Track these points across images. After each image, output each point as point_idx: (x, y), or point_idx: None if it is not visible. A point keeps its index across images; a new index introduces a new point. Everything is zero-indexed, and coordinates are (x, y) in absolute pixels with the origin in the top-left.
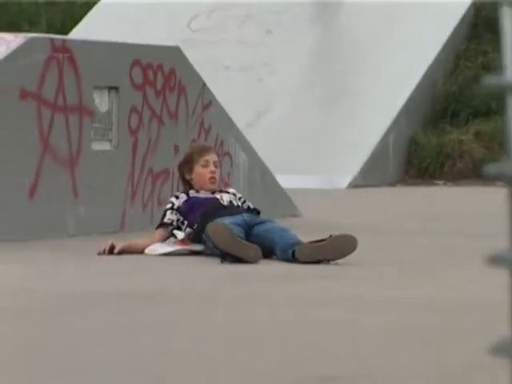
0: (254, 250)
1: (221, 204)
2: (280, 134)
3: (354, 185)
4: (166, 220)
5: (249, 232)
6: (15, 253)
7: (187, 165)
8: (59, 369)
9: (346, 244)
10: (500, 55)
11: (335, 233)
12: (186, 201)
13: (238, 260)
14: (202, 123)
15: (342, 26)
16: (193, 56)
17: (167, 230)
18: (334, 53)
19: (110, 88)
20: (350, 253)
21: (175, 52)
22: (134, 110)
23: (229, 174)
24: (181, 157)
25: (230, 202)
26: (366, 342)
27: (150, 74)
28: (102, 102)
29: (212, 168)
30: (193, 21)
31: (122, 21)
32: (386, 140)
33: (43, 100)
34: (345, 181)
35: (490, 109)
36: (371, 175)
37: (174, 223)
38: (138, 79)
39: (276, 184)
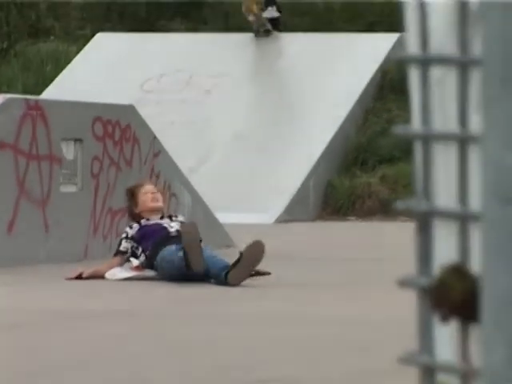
0: (201, 264)
1: (169, 233)
2: (218, 178)
3: (281, 220)
4: (121, 248)
5: None
6: None
7: (132, 201)
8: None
9: (257, 249)
10: (402, 112)
11: (242, 249)
12: (138, 229)
13: (187, 264)
14: (152, 169)
15: (271, 88)
16: (145, 113)
17: (123, 256)
18: (263, 110)
19: (76, 140)
20: (263, 253)
21: (130, 110)
22: (95, 158)
23: (175, 211)
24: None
25: (178, 231)
26: (293, 351)
27: (109, 128)
28: (68, 151)
29: (152, 192)
30: (145, 83)
31: (86, 83)
32: (307, 183)
33: (19, 150)
34: (272, 217)
35: (393, 156)
36: (295, 212)
37: (129, 250)
38: (99, 132)
39: (214, 219)
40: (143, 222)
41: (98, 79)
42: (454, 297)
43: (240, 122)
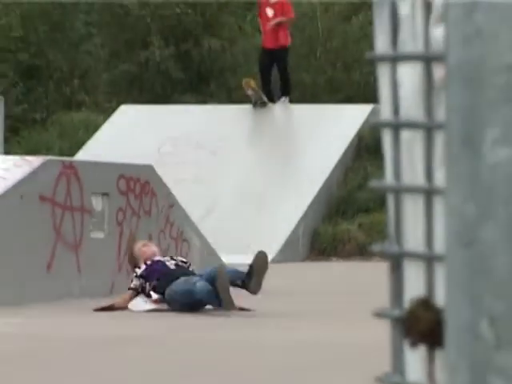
0: (232, 305)
1: (168, 267)
2: (222, 225)
3: (275, 261)
4: (132, 286)
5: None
6: (36, 310)
7: (132, 258)
8: None
9: (263, 258)
10: (376, 170)
11: (251, 262)
12: (145, 269)
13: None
14: (167, 218)
15: (266, 149)
16: (161, 171)
17: (134, 292)
18: (261, 168)
19: (103, 194)
20: (267, 260)
21: (149, 169)
22: (120, 209)
23: (187, 254)
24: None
25: (176, 264)
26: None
27: (131, 184)
28: (97, 203)
29: (143, 243)
30: (161, 147)
31: (112, 146)
32: (297, 230)
33: (56, 202)
34: (268, 258)
35: (369, 207)
36: (287, 254)
37: (138, 287)
38: (123, 187)
39: (219, 259)
40: (148, 262)
41: (121, 143)
42: (421, 326)
43: (240, 179)
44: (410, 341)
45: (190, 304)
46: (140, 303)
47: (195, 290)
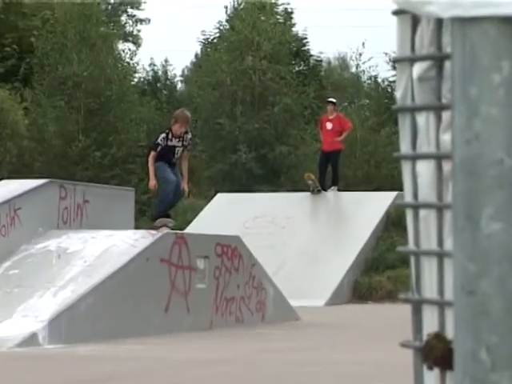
0: None
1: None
2: (289, 278)
3: (327, 304)
4: (158, 140)
5: None
6: (158, 340)
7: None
8: None
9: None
10: (400, 238)
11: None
12: (165, 145)
13: None
14: (250, 273)
15: (321, 223)
16: (246, 240)
17: (156, 150)
18: (318, 236)
19: (205, 257)
20: None
21: (237, 238)
22: (216, 267)
23: (265, 299)
24: (240, 291)
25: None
26: None
27: (225, 249)
28: (200, 263)
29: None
30: (246, 223)
31: (211, 226)
32: (343, 281)
33: (171, 263)
34: (322, 302)
35: (395, 264)
36: (335, 298)
37: (161, 144)
38: (219, 252)
39: (287, 303)
40: (169, 137)
41: (218, 221)
42: (436, 353)
43: (302, 245)
44: (428, 365)
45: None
46: None
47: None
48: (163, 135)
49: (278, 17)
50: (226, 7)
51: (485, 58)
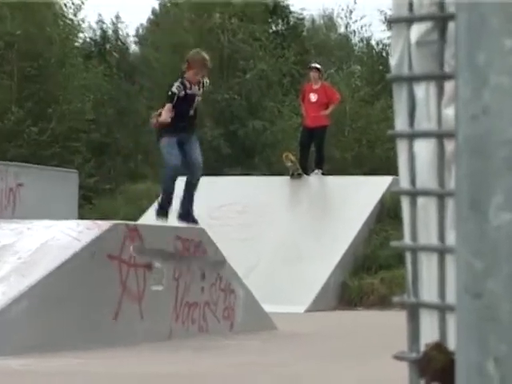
0: None
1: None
2: (263, 278)
3: (309, 310)
4: (173, 89)
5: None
6: (104, 353)
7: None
8: None
9: None
10: (395, 232)
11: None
12: (184, 95)
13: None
14: (217, 273)
15: (301, 212)
16: (212, 233)
17: (172, 101)
18: (297, 229)
19: (162, 253)
20: None
21: (201, 231)
22: (176, 266)
23: (234, 303)
24: (205, 294)
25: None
26: None
27: (186, 244)
28: (156, 261)
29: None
30: (212, 212)
31: (175, 206)
32: (328, 283)
33: (123, 260)
34: (303, 308)
35: (389, 263)
36: (319, 304)
37: (178, 93)
38: (180, 247)
39: (261, 309)
40: (187, 85)
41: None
42: (435, 366)
43: (280, 238)
44: (426, 380)
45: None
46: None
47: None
48: (178, 84)
49: None
50: None
51: (494, 20)
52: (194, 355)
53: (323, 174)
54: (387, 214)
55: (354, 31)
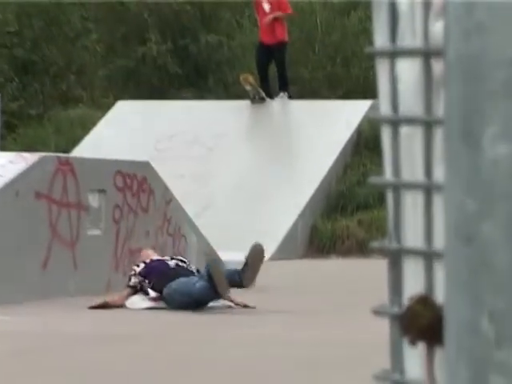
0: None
1: (168, 266)
2: (219, 221)
3: (273, 258)
4: (131, 283)
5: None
6: (31, 308)
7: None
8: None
9: (258, 251)
10: (375, 167)
11: (247, 259)
12: (144, 267)
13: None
14: (165, 215)
15: (267, 145)
16: (158, 168)
17: (133, 290)
18: (260, 163)
19: (100, 191)
20: (264, 253)
21: (146, 165)
22: (116, 206)
23: (184, 251)
24: (150, 239)
25: (177, 264)
26: (289, 370)
27: (128, 180)
28: (94, 200)
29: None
30: (158, 143)
31: (108, 142)
32: (295, 226)
33: (52, 199)
34: (266, 255)
35: (368, 203)
36: (285, 251)
37: (138, 285)
38: (120, 184)
39: (217, 257)
40: (148, 261)
41: (118, 140)
42: (421, 323)
43: (238, 175)
44: (409, 338)
45: (189, 303)
46: (137, 301)
47: (194, 290)
48: None
49: None
50: None
51: None
52: (134, 313)
53: (290, 97)
54: (365, 146)
55: None
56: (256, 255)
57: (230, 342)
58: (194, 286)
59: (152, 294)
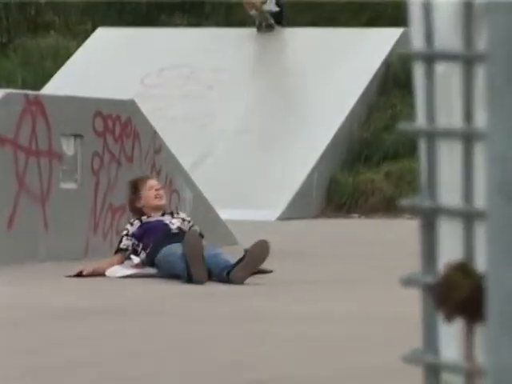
0: (206, 274)
1: (170, 230)
2: (219, 174)
3: (283, 217)
4: (122, 246)
5: None
6: None
7: (135, 194)
8: (30, 368)
9: (262, 248)
10: (406, 108)
11: (247, 247)
12: (139, 226)
13: (189, 275)
14: (153, 165)
15: (273, 84)
16: (146, 108)
17: (124, 254)
18: (266, 105)
19: (76, 135)
20: (268, 252)
21: (131, 104)
22: (96, 154)
23: (177, 208)
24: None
25: (179, 227)
26: (291, 350)
27: (110, 123)
28: (68, 147)
29: (156, 188)
30: (146, 78)
31: (86, 78)
32: (310, 179)
33: (19, 145)
34: (275, 214)
35: (397, 153)
36: (297, 209)
37: (130, 248)
38: (100, 128)
39: (216, 216)
40: (144, 219)
41: (98, 74)
42: (458, 295)
43: (242, 117)
44: (445, 313)
45: (172, 276)
46: (116, 268)
47: (178, 265)
48: None
49: None
50: None
51: None
52: (117, 283)
53: (303, 24)
54: (394, 83)
55: None
56: (258, 253)
57: (225, 317)
58: (178, 259)
59: (135, 259)
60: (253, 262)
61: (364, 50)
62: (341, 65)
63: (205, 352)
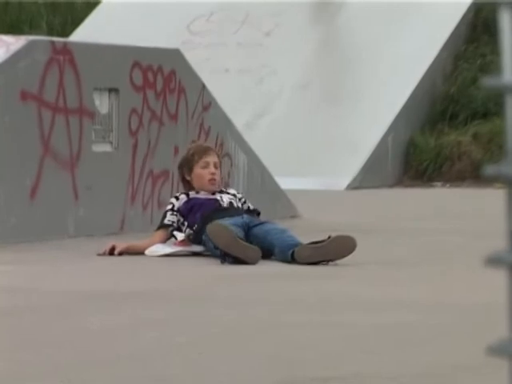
0: (253, 251)
1: (220, 205)
2: (278, 136)
3: (353, 186)
4: (166, 221)
5: (248, 233)
6: (16, 254)
7: (187, 165)
8: (59, 365)
9: (346, 245)
10: (498, 58)
11: (333, 234)
12: (186, 202)
13: (237, 261)
14: (201, 124)
15: (341, 28)
16: (192, 58)
17: (167, 231)
18: (332, 55)
19: (111, 90)
20: (349, 253)
21: (175, 54)
22: (134, 111)
23: (229, 174)
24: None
25: (230, 203)
26: (358, 342)
27: (150, 75)
28: (102, 103)
29: (212, 170)
30: (192, 23)
31: (123, 23)
32: (384, 141)
33: (44, 102)
34: (344, 182)
35: (488, 110)
36: (370, 177)
37: (175, 224)
38: (138, 81)
39: (275, 185)
40: (192, 194)
41: (137, 19)
42: None
43: (305, 70)
44: None
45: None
46: (158, 246)
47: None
48: None
49: None
50: None
51: None
52: (165, 260)
53: None
54: (484, 28)
55: None
56: (340, 247)
57: (285, 302)
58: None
59: (179, 236)
60: (328, 252)
61: None
62: (421, 8)
63: (256, 345)
